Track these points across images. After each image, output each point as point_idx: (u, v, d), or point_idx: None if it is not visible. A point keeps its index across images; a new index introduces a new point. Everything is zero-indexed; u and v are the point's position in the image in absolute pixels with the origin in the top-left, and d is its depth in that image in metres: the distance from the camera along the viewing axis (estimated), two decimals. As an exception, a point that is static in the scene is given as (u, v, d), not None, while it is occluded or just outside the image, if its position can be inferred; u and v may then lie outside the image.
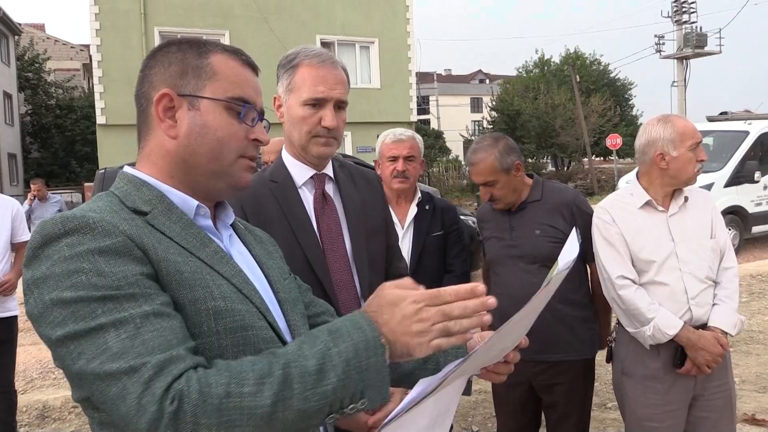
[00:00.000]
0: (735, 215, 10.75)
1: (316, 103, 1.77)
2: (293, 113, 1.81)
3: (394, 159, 2.84)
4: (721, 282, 2.41)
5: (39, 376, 5.60)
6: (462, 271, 2.96)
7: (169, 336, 0.93)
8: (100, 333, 0.90)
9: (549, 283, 1.05)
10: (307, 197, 1.87)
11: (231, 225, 1.24)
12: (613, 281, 2.41)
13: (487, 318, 0.96)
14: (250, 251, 1.24)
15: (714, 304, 2.38)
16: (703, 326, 2.35)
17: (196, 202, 1.12)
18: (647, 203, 2.43)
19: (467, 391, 1.21)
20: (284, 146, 1.92)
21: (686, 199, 2.45)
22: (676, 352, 2.36)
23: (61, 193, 19.83)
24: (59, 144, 28.75)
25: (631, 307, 2.37)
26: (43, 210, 9.56)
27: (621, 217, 2.45)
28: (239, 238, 1.26)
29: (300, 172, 1.87)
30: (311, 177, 1.87)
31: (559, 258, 1.15)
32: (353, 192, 1.94)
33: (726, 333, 2.34)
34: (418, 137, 2.98)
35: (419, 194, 2.97)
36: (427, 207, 2.94)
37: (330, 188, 1.91)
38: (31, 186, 9.96)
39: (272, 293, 1.20)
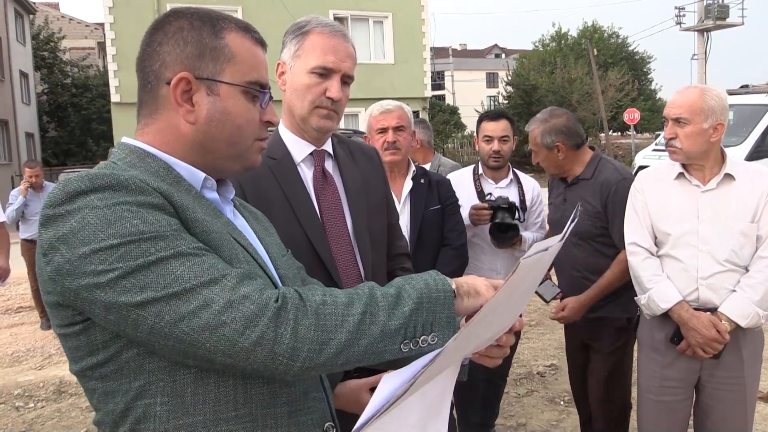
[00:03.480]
0: (755, 191, 10.54)
1: (324, 73, 1.72)
2: (297, 81, 1.74)
3: (384, 130, 2.79)
4: (750, 270, 2.26)
5: (57, 352, 5.69)
6: (459, 244, 2.93)
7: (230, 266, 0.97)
8: (162, 265, 0.90)
9: (521, 266, 0.94)
10: (306, 175, 1.82)
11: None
12: (626, 247, 2.47)
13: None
14: (250, 227, 1.24)
15: (733, 291, 2.26)
16: (714, 310, 2.27)
17: (203, 175, 1.11)
18: (680, 174, 2.37)
19: (462, 376, 1.19)
20: (282, 120, 1.85)
21: (731, 177, 2.30)
22: (676, 328, 2.35)
23: (78, 171, 19.97)
24: (76, 123, 28.91)
25: (635, 274, 2.43)
26: (37, 203, 6.85)
27: (651, 186, 2.44)
28: (239, 213, 1.25)
29: (299, 149, 1.82)
30: (310, 153, 1.82)
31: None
32: (353, 168, 1.89)
33: (734, 323, 2.23)
34: (406, 107, 2.91)
35: (413, 167, 2.91)
36: (422, 181, 2.89)
37: (329, 165, 1.86)
38: (26, 170, 6.94)
39: (273, 269, 1.20)
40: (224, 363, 0.91)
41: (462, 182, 3.32)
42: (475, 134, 3.49)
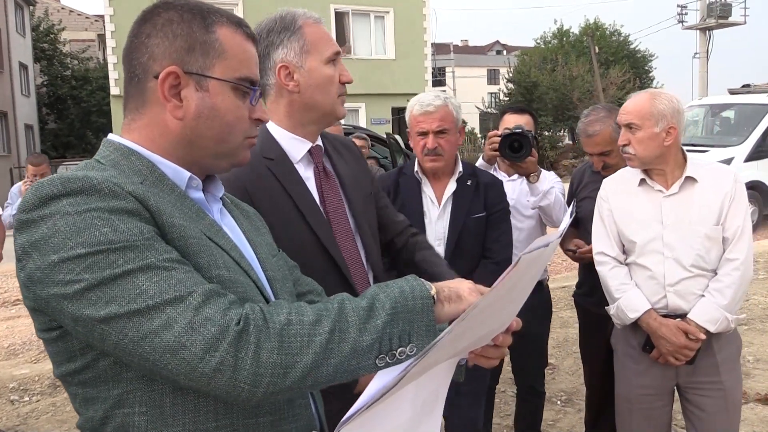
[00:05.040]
0: (755, 191, 10.54)
1: (335, 59, 1.69)
2: (318, 75, 1.66)
3: (423, 134, 2.48)
4: (718, 273, 2.23)
5: (53, 346, 5.67)
6: (502, 258, 2.58)
7: (201, 278, 0.92)
8: (129, 278, 0.87)
9: (530, 253, 0.94)
10: (305, 174, 1.74)
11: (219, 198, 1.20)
12: (594, 256, 2.45)
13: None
14: (239, 227, 1.21)
15: (701, 296, 2.23)
16: (684, 316, 2.25)
17: (188, 174, 1.08)
18: (642, 181, 2.35)
19: (459, 376, 1.16)
20: (271, 119, 1.76)
21: (693, 179, 2.26)
22: (647, 336, 2.32)
23: (77, 164, 19.93)
24: (75, 115, 28.87)
25: (604, 283, 2.41)
26: None
27: (616, 193, 2.42)
28: (228, 212, 1.22)
29: (296, 147, 1.74)
30: (308, 151, 1.75)
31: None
32: (342, 162, 1.85)
33: (704, 328, 2.20)
34: (453, 102, 2.54)
35: (460, 167, 2.60)
36: (468, 182, 2.57)
37: (325, 161, 1.81)
38: (30, 168, 5.61)
39: (261, 271, 1.16)
40: (188, 386, 0.89)
41: None
42: (496, 127, 3.23)
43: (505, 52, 54.28)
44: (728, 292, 2.20)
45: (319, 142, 1.80)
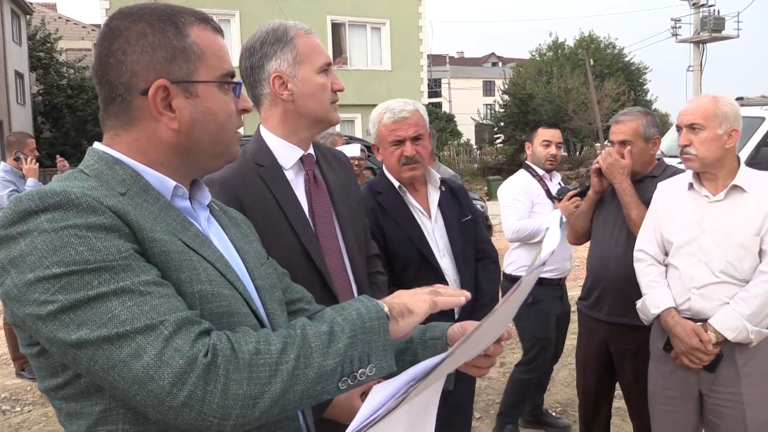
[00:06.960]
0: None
1: (327, 69, 1.74)
2: (312, 84, 1.72)
3: (399, 142, 2.39)
4: (748, 284, 2.21)
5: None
6: (496, 256, 2.66)
7: (176, 303, 0.90)
8: (102, 302, 0.85)
9: (530, 274, 0.99)
10: (295, 181, 1.77)
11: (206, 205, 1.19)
12: (634, 253, 2.50)
13: (463, 300, 1.08)
14: (226, 234, 1.19)
15: (726, 303, 2.22)
16: (706, 321, 2.25)
17: (173, 183, 1.07)
18: (691, 185, 2.36)
19: (448, 384, 1.17)
20: (266, 126, 1.79)
21: (741, 189, 2.25)
22: (668, 336, 2.35)
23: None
24: (71, 124, 28.78)
25: (638, 280, 2.45)
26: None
27: (663, 195, 2.47)
28: (215, 220, 1.20)
29: (288, 154, 1.77)
30: (300, 159, 1.78)
31: (543, 245, 1.11)
32: (332, 173, 1.87)
33: (722, 336, 2.19)
34: (420, 106, 2.47)
35: (437, 176, 2.58)
36: (443, 188, 2.57)
37: (315, 169, 1.83)
38: (29, 141, 5.64)
39: (250, 280, 1.15)
40: (157, 419, 0.87)
41: (530, 186, 3.67)
42: (528, 140, 3.80)
43: (500, 63, 54.52)
44: (753, 302, 2.17)
45: (311, 151, 1.83)
